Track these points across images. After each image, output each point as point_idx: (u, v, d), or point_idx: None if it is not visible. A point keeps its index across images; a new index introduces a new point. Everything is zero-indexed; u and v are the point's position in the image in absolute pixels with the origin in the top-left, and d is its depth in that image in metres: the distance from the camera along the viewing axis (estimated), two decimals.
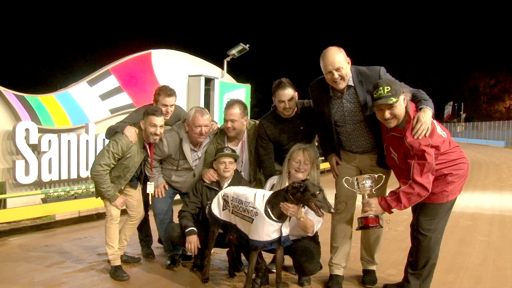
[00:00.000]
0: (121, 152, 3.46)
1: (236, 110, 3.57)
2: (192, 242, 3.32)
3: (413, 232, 3.02)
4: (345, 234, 3.34)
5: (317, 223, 3.05)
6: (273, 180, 3.40)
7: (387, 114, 2.77)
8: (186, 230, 3.37)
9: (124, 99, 7.27)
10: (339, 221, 3.34)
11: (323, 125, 3.34)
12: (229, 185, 3.46)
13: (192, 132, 3.61)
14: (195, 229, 3.38)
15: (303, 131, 3.50)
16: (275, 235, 2.84)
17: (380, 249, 3.47)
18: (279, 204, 2.82)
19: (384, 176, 3.03)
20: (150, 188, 3.79)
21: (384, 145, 3.03)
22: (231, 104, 3.60)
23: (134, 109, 6.12)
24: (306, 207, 2.90)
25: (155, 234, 4.13)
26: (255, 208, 2.87)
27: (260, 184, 3.58)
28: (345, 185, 3.03)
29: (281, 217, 2.83)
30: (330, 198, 3.37)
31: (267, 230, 2.82)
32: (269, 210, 2.83)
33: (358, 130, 3.17)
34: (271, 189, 3.28)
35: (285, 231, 2.89)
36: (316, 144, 3.81)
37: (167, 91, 3.78)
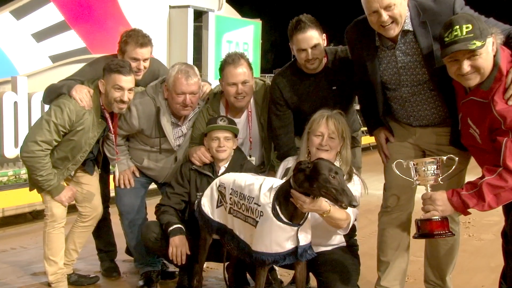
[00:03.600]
0: (68, 123, 3.55)
1: (244, 68, 3.65)
2: (179, 246, 3.42)
3: (507, 244, 3.05)
4: (400, 243, 3.44)
5: (353, 214, 3.09)
6: (287, 163, 3.49)
7: (466, 66, 2.77)
8: (170, 229, 3.46)
9: (72, 40, 7.30)
10: (390, 224, 3.44)
11: (366, 87, 3.42)
12: (226, 171, 3.58)
13: (173, 102, 3.70)
14: (182, 227, 3.49)
15: (335, 93, 3.60)
16: (288, 245, 2.89)
17: (454, 268, 3.53)
18: (290, 196, 2.84)
19: (457, 159, 3.03)
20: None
21: (459, 115, 3.06)
22: (235, 59, 3.66)
23: (88, 56, 6.07)
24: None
25: (120, 241, 4.27)
26: (259, 205, 2.94)
27: (274, 170, 3.71)
28: (396, 171, 3.07)
29: (294, 217, 2.88)
30: (376, 187, 3.39)
31: (277, 237, 2.87)
32: (277, 207, 2.87)
33: (419, 95, 3.23)
34: (285, 176, 3.35)
35: (304, 238, 2.94)
36: (357, 107, 3.88)
37: (138, 39, 3.81)
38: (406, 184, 3.14)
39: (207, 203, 3.35)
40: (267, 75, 16.78)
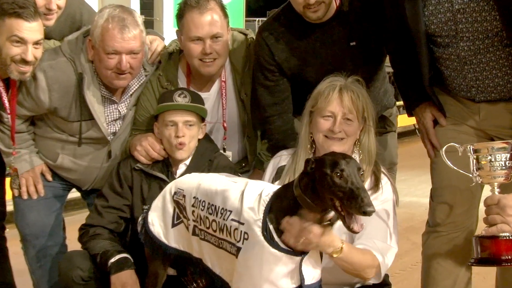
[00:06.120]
0: None
1: (215, 15, 3.67)
2: (128, 285, 3.42)
3: None
4: (456, 279, 3.51)
5: (383, 255, 3.09)
6: (279, 159, 3.52)
7: None
8: (111, 261, 3.47)
9: None
10: (440, 249, 3.49)
11: (403, 42, 3.46)
12: (188, 170, 3.61)
13: (102, 66, 3.69)
14: (128, 256, 3.50)
15: (355, 52, 3.63)
16: (287, 283, 2.87)
17: None
18: (292, 209, 2.80)
19: None
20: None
21: None
22: (201, 0, 3.65)
23: None
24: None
25: (23, 281, 4.30)
26: (241, 223, 2.93)
27: (262, 168, 3.76)
28: (446, 161, 3.09)
29: None
30: (424, 192, 3.41)
31: (270, 272, 2.85)
32: (270, 226, 2.86)
33: (485, 54, 3.25)
34: (277, 179, 3.38)
35: (311, 273, 2.91)
36: (389, 69, 3.88)
37: None
38: (463, 186, 3.19)
39: (157, 221, 3.35)
40: (256, 19, 16.68)
